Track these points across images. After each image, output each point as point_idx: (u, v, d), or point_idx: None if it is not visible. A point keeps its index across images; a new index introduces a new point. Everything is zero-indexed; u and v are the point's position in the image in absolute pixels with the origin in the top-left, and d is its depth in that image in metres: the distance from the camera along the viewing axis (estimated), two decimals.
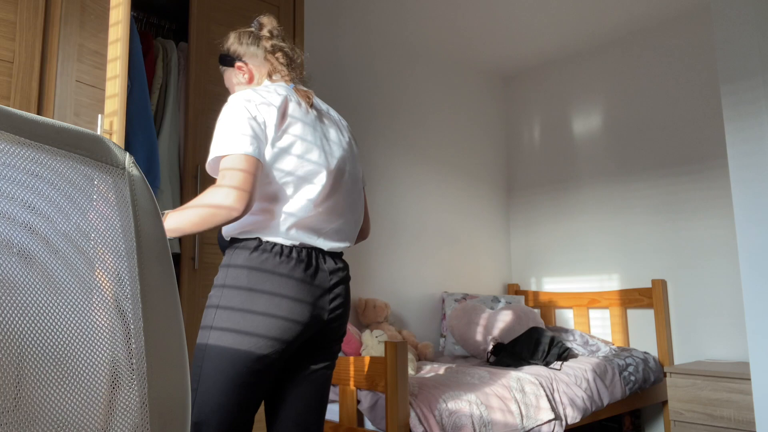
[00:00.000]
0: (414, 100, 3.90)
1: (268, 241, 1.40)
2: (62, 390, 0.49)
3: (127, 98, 2.11)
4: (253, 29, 1.62)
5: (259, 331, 1.34)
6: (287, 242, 1.41)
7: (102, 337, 0.53)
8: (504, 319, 3.32)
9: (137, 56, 2.13)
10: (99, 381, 0.52)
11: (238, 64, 1.58)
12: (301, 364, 1.50)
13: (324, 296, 1.45)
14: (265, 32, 1.60)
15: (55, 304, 0.50)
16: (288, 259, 1.40)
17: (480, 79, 4.42)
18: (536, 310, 3.84)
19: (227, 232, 1.45)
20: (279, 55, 1.58)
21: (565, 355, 2.98)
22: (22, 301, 0.47)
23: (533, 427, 2.42)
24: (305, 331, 1.41)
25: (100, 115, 1.67)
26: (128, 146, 2.05)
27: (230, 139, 1.34)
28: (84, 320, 0.52)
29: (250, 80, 1.60)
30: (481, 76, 4.43)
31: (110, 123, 1.61)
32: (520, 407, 2.40)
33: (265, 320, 1.35)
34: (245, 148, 1.33)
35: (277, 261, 1.38)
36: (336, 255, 1.52)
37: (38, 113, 1.84)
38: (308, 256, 1.43)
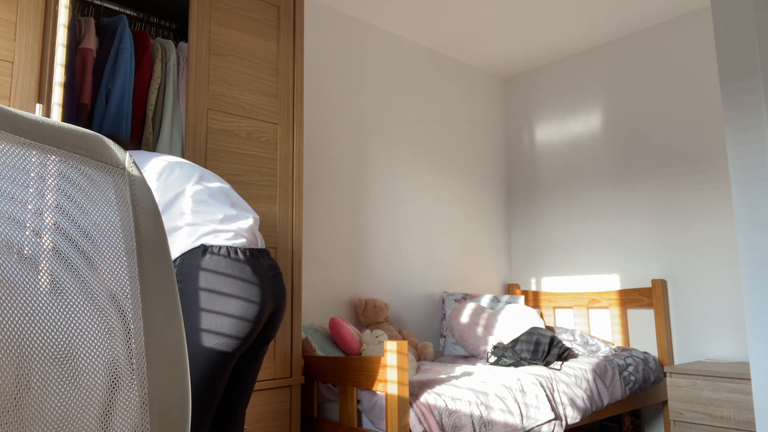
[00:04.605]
0: (414, 100, 3.90)
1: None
2: (62, 390, 0.49)
3: (106, 101, 2.10)
4: None
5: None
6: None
7: (102, 337, 0.53)
8: (504, 319, 3.32)
9: (123, 57, 2.12)
10: (99, 381, 0.52)
11: None
12: None
13: None
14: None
15: (56, 304, 0.50)
16: None
17: (480, 79, 4.42)
18: (536, 310, 3.84)
19: None
20: None
21: (565, 355, 2.98)
22: (22, 301, 0.47)
23: (533, 427, 2.42)
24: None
25: (38, 105, 1.69)
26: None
27: None
28: (84, 320, 0.52)
29: None
30: (481, 76, 4.43)
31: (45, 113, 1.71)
32: (520, 407, 2.40)
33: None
34: None
35: None
36: None
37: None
38: None
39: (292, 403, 2.28)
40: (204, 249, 1.48)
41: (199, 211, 1.53)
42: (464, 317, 3.41)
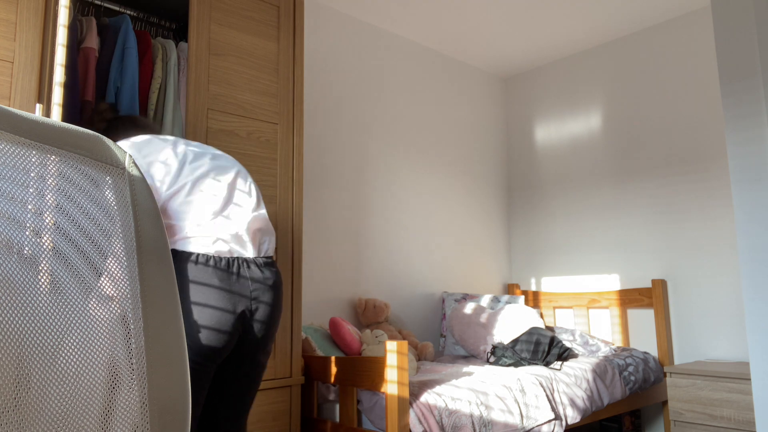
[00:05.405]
0: (414, 100, 3.90)
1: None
2: (62, 390, 0.49)
3: (116, 99, 2.11)
4: None
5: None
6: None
7: (102, 337, 0.53)
8: (504, 319, 3.32)
9: (130, 56, 2.13)
10: (99, 381, 0.52)
11: None
12: None
13: None
14: None
15: (56, 304, 0.50)
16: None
17: (480, 79, 4.42)
18: (536, 310, 3.84)
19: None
20: None
21: (565, 355, 2.98)
22: (22, 301, 0.47)
23: (533, 427, 2.42)
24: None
25: (38, 105, 1.70)
26: None
27: None
28: (84, 320, 0.52)
29: None
30: (481, 76, 4.43)
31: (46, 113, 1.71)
32: (520, 407, 2.40)
33: None
34: None
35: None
36: None
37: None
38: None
39: (292, 403, 2.28)
40: (185, 255, 1.43)
41: (187, 211, 1.47)
42: (464, 317, 3.41)
